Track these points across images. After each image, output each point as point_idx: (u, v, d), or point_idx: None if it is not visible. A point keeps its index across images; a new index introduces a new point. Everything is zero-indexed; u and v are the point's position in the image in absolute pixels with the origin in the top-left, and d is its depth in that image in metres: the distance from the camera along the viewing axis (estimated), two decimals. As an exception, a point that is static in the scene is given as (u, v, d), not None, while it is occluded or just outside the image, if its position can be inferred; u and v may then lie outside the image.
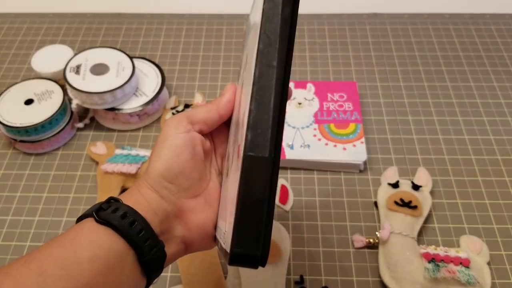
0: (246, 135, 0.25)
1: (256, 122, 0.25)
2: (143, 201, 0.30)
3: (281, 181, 0.51)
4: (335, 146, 0.52)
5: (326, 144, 0.52)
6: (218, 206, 0.33)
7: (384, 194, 0.49)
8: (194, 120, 0.32)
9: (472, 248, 0.45)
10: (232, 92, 0.34)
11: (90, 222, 0.28)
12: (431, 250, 0.43)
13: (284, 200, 0.50)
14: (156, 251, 0.28)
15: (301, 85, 0.59)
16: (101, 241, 0.27)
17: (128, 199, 0.30)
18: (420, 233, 0.46)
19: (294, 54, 0.67)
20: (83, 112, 0.59)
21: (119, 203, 0.29)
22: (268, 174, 0.25)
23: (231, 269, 0.44)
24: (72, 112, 0.56)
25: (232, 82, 0.35)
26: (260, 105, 0.25)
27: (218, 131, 0.35)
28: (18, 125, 0.52)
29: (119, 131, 0.57)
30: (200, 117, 0.33)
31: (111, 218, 0.28)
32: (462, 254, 0.43)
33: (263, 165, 0.25)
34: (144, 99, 0.56)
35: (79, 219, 0.30)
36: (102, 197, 0.49)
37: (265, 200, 0.25)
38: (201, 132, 0.33)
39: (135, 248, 0.28)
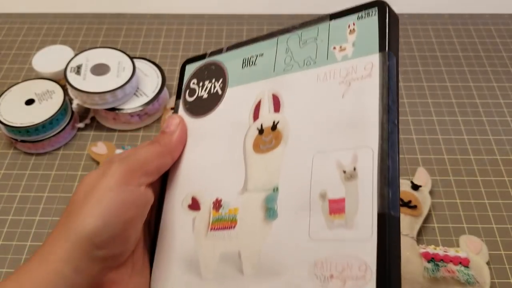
0: (382, 191, 0.22)
1: (394, 179, 0.22)
2: (44, 283, 0.22)
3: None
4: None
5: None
6: (149, 273, 0.29)
7: (383, 194, 0.49)
8: (149, 170, 0.27)
9: (471, 247, 0.45)
10: (182, 130, 0.30)
11: None
12: (431, 249, 0.43)
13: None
14: None
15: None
16: None
17: (23, 282, 0.22)
18: (419, 233, 0.47)
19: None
20: (84, 112, 0.59)
21: None
22: (398, 235, 0.22)
23: None
24: (72, 112, 0.56)
25: (173, 114, 0.32)
26: (393, 162, 0.22)
27: None
28: (18, 125, 0.52)
29: (119, 131, 0.57)
30: (154, 166, 0.28)
31: None
32: (462, 254, 0.43)
33: (397, 225, 0.22)
34: (144, 99, 0.56)
35: None
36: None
37: (399, 259, 0.22)
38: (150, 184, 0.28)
39: None
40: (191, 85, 0.32)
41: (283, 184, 0.26)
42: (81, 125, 0.57)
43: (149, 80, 0.58)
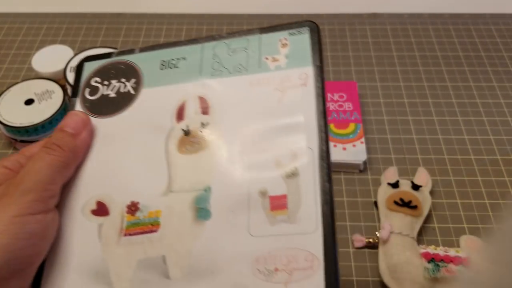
0: (324, 187, 0.24)
1: (331, 176, 0.25)
2: None
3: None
4: (335, 146, 0.52)
5: (326, 144, 0.52)
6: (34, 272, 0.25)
7: (384, 194, 0.49)
8: (55, 190, 0.25)
9: (472, 248, 0.45)
10: (89, 131, 0.28)
11: None
12: (431, 250, 0.43)
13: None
14: None
15: (301, 85, 0.59)
16: None
17: None
18: (420, 233, 0.47)
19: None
20: (83, 112, 0.59)
21: None
22: (335, 225, 0.24)
23: None
24: (72, 112, 0.56)
25: (75, 110, 0.30)
26: (329, 161, 0.25)
27: None
28: (18, 125, 0.52)
29: (119, 131, 0.57)
30: (60, 183, 0.25)
31: None
32: (462, 254, 0.43)
33: (334, 217, 0.24)
34: (144, 99, 0.56)
35: None
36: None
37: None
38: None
39: None
40: (92, 83, 0.31)
41: (216, 184, 0.26)
42: (80, 125, 0.57)
43: (149, 80, 0.58)
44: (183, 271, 0.24)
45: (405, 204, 0.46)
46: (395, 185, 0.49)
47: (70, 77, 0.55)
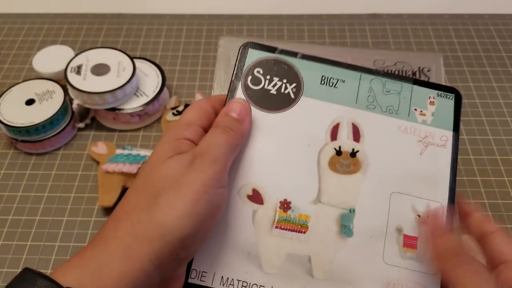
0: None
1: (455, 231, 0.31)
2: (128, 279, 0.22)
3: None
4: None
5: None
6: None
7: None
8: (228, 168, 0.27)
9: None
10: (250, 119, 0.29)
11: None
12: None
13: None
14: None
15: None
16: None
17: (106, 274, 0.22)
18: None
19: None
20: (84, 112, 0.59)
21: None
22: None
23: None
24: (73, 112, 0.56)
25: (238, 98, 0.31)
26: (455, 218, 0.30)
27: None
28: (19, 125, 0.52)
29: (119, 131, 0.57)
30: (231, 162, 0.28)
31: None
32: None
33: None
34: (144, 99, 0.56)
35: None
36: (102, 197, 0.49)
37: None
38: None
39: None
40: (255, 73, 0.32)
41: (360, 209, 0.30)
42: (81, 125, 0.57)
43: (149, 80, 0.59)
44: (325, 274, 0.28)
45: None
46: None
47: (71, 77, 0.55)
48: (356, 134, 0.31)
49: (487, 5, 0.72)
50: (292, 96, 0.32)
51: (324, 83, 0.32)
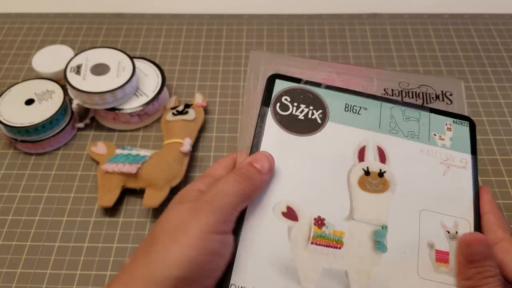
0: None
1: None
2: None
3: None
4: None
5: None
6: None
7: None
8: (236, 216, 0.28)
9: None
10: (271, 171, 0.31)
11: None
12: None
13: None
14: None
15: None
16: None
17: None
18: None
19: (294, 54, 0.67)
20: (84, 112, 0.59)
21: None
22: None
23: None
24: (72, 112, 0.56)
25: (266, 152, 0.32)
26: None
27: None
28: (18, 125, 0.52)
29: (119, 131, 0.57)
30: (240, 209, 0.29)
31: None
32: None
33: None
34: (144, 99, 0.56)
35: None
36: (102, 197, 0.49)
37: None
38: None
39: None
40: (283, 101, 0.34)
41: (391, 225, 0.31)
42: (81, 125, 0.57)
43: (149, 80, 0.58)
44: None
45: None
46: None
47: (70, 77, 0.55)
48: (382, 156, 0.33)
49: (487, 4, 0.72)
50: (319, 121, 0.34)
51: (348, 110, 0.34)
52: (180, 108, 0.56)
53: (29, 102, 0.55)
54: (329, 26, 0.70)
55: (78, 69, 0.56)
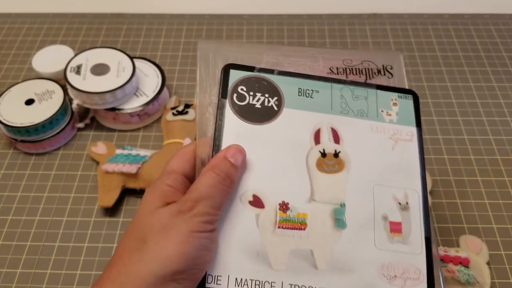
0: (426, 222, 0.33)
1: (429, 215, 0.34)
2: None
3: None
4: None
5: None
6: None
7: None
8: (218, 214, 0.30)
9: (471, 247, 0.45)
10: (244, 166, 0.32)
11: None
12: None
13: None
14: None
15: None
16: None
17: None
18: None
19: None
20: (84, 112, 0.59)
21: None
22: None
23: None
24: (72, 112, 0.56)
25: (237, 145, 0.33)
26: (428, 204, 0.34)
27: None
28: (18, 125, 0.52)
29: (119, 131, 0.57)
30: (223, 207, 0.30)
31: None
32: (462, 254, 0.43)
33: (432, 244, 0.33)
34: (144, 99, 0.56)
35: None
36: (102, 197, 0.49)
37: None
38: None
39: None
40: (240, 91, 0.35)
41: (349, 202, 0.33)
42: (81, 125, 0.57)
43: (149, 80, 0.58)
44: (327, 264, 0.31)
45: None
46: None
47: (70, 77, 0.55)
48: (336, 137, 0.35)
49: (487, 4, 0.72)
50: (275, 108, 0.35)
51: (301, 95, 0.36)
52: (180, 108, 0.56)
53: (29, 102, 0.55)
54: (329, 26, 0.70)
55: (78, 69, 0.56)
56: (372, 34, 0.69)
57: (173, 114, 0.56)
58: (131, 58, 0.58)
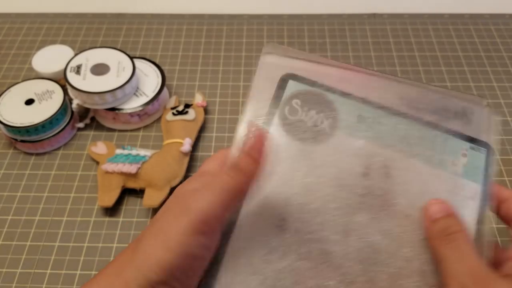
0: None
1: None
2: None
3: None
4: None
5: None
6: None
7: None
8: (227, 214, 0.27)
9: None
10: (265, 157, 0.28)
11: None
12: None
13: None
14: None
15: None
16: None
17: None
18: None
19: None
20: (84, 112, 0.59)
21: None
22: None
23: None
24: (72, 112, 0.56)
25: (262, 133, 0.30)
26: None
27: None
28: (18, 125, 0.52)
29: (119, 131, 0.57)
30: (233, 206, 0.28)
31: None
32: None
33: None
34: (144, 99, 0.56)
35: None
36: (102, 197, 0.49)
37: None
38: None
39: None
40: (294, 104, 0.32)
41: None
42: (81, 125, 0.57)
43: (149, 80, 0.58)
44: None
45: None
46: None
47: (70, 77, 0.55)
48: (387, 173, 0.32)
49: (487, 4, 0.72)
50: (328, 131, 0.32)
51: (360, 122, 0.32)
52: (180, 108, 0.56)
53: (29, 102, 0.55)
54: (329, 26, 0.70)
55: (78, 69, 0.56)
56: (372, 34, 0.69)
57: (173, 114, 0.56)
58: (131, 58, 0.58)
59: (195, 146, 0.55)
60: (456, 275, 0.25)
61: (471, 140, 0.33)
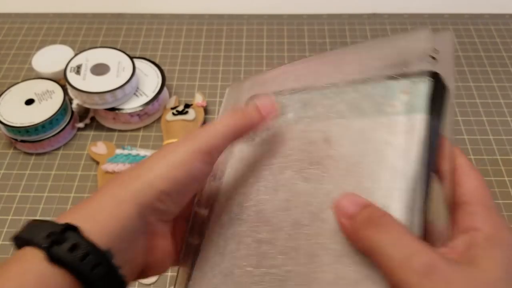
0: None
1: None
2: (116, 225, 0.25)
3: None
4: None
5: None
6: (175, 243, 0.29)
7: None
8: (223, 148, 0.29)
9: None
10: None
11: (38, 263, 0.23)
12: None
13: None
14: None
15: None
16: None
17: (94, 215, 0.26)
18: (419, 233, 0.47)
19: (293, 54, 0.67)
20: (84, 112, 0.59)
21: (77, 235, 0.23)
22: None
23: None
24: (72, 112, 0.56)
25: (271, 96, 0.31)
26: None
27: None
28: (18, 125, 0.52)
29: (119, 131, 0.57)
30: (232, 142, 0.29)
31: (70, 260, 0.22)
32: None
33: None
34: (144, 99, 0.56)
35: (19, 242, 0.25)
36: (102, 197, 0.49)
37: None
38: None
39: None
40: None
41: None
42: (81, 125, 0.57)
43: (149, 80, 0.58)
44: None
45: None
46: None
47: (70, 77, 0.55)
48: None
49: (487, 5, 0.72)
50: (282, 128, 0.32)
51: (304, 108, 0.32)
52: (180, 108, 0.56)
53: (29, 102, 0.55)
54: (329, 26, 0.70)
55: (78, 69, 0.56)
56: (372, 34, 0.69)
57: (173, 114, 0.56)
58: (131, 58, 0.58)
59: (195, 146, 0.55)
60: (395, 260, 0.22)
61: (412, 75, 0.28)
